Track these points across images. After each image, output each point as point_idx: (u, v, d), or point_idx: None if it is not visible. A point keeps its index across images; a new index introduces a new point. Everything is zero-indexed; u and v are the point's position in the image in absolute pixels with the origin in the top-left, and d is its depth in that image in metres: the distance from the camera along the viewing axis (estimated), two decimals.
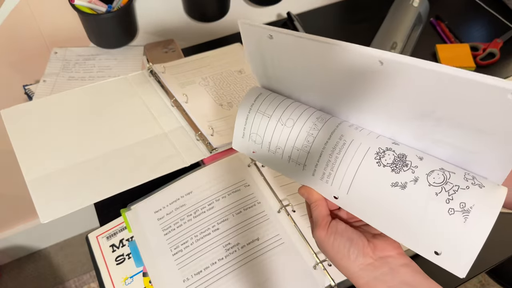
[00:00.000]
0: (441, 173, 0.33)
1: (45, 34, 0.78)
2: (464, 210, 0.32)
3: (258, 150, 0.43)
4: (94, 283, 1.27)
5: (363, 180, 0.35)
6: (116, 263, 0.55)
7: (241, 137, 0.44)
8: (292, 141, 0.40)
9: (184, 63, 0.75)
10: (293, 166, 0.40)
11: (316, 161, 0.38)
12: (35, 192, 0.55)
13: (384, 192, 0.34)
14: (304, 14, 0.91)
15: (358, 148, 0.36)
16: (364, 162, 0.35)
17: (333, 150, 0.37)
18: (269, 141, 0.41)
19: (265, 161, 0.43)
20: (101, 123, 0.64)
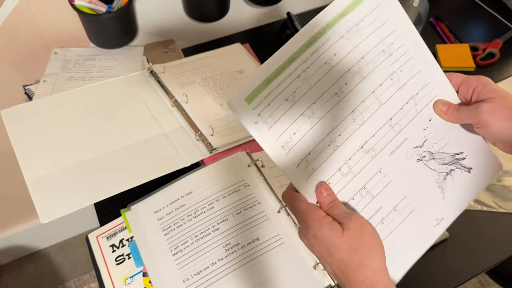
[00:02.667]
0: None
1: (45, 34, 0.78)
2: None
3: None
4: (94, 283, 1.27)
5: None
6: (116, 263, 0.55)
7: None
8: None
9: (184, 63, 0.75)
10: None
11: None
12: (35, 192, 0.55)
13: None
14: (304, 14, 0.91)
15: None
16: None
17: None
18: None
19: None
20: (101, 123, 0.64)
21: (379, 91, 0.40)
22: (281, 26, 0.85)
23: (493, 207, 0.62)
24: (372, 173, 0.40)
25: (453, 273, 0.55)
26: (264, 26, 0.90)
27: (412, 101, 0.41)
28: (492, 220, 0.61)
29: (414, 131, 0.41)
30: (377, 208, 0.41)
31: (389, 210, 0.41)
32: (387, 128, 0.41)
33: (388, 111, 0.40)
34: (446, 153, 0.42)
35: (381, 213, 0.41)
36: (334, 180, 0.40)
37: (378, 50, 0.40)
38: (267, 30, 0.88)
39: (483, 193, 0.64)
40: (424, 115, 0.41)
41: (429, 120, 0.42)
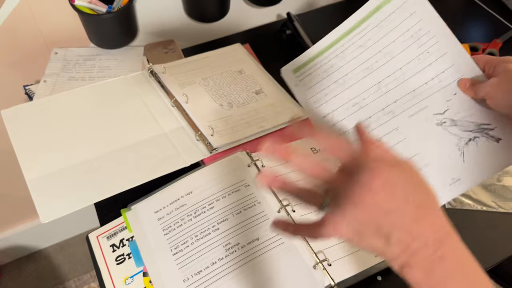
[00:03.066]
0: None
1: (45, 35, 0.78)
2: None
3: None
4: (95, 283, 1.27)
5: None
6: (117, 263, 0.55)
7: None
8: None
9: (184, 64, 0.76)
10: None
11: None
12: (35, 192, 0.55)
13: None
14: (304, 15, 0.91)
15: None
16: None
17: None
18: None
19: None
20: (102, 123, 0.65)
21: (406, 68, 0.47)
22: (281, 26, 0.85)
23: (493, 207, 0.62)
24: (388, 130, 0.48)
25: None
26: (264, 26, 0.90)
27: (437, 78, 0.46)
28: (492, 220, 0.61)
29: (436, 101, 0.47)
30: None
31: None
32: (409, 97, 0.47)
33: (412, 84, 0.47)
34: (471, 122, 0.46)
35: None
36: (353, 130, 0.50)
37: (407, 36, 0.47)
38: (267, 30, 0.88)
39: (483, 193, 0.64)
40: (449, 90, 0.46)
41: (453, 94, 0.46)
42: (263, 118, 0.68)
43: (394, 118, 0.48)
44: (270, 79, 0.76)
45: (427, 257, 0.29)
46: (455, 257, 0.30)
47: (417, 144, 0.47)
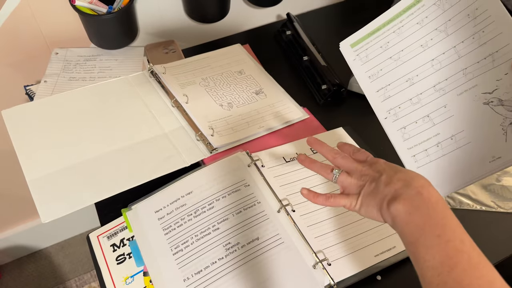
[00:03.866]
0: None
1: (46, 35, 0.78)
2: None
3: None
4: (95, 282, 1.27)
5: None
6: (117, 263, 0.55)
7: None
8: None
9: (185, 64, 0.76)
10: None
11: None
12: (36, 192, 0.56)
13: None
14: (304, 15, 0.92)
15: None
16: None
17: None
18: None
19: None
20: (102, 123, 0.65)
21: (460, 46, 0.48)
22: (281, 26, 0.85)
23: (492, 207, 0.62)
24: (437, 107, 0.50)
25: None
26: (264, 26, 0.91)
27: (490, 57, 0.47)
28: (491, 220, 0.61)
29: (487, 80, 0.48)
30: (435, 133, 0.50)
31: (446, 138, 0.50)
32: (460, 75, 0.49)
33: (464, 63, 0.48)
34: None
35: (437, 138, 0.50)
36: (404, 106, 0.52)
37: (463, 15, 0.48)
38: (267, 31, 0.88)
39: (482, 193, 0.64)
40: (501, 69, 0.47)
41: (504, 74, 0.47)
42: (263, 118, 0.68)
43: (444, 96, 0.50)
44: (270, 79, 0.76)
45: (409, 193, 0.40)
46: (430, 195, 0.39)
47: (463, 122, 0.49)
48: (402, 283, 0.54)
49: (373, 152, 0.51)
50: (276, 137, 0.66)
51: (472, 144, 0.49)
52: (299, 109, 0.71)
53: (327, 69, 0.74)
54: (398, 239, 0.55)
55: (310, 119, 0.70)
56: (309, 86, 0.77)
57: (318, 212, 0.57)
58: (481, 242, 0.59)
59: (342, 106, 0.75)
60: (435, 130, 0.51)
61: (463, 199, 0.63)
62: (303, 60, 0.78)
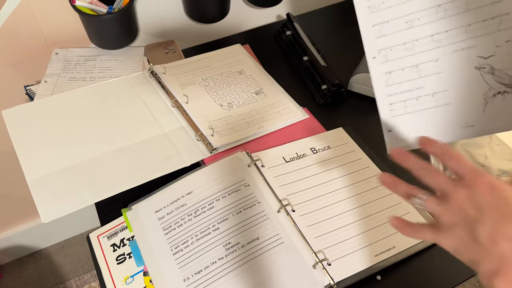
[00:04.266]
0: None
1: (46, 35, 0.78)
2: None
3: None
4: (95, 282, 1.27)
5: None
6: (117, 263, 0.55)
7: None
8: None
9: (185, 64, 0.76)
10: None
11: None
12: (36, 192, 0.56)
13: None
14: (304, 16, 0.92)
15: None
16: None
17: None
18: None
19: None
20: (102, 124, 0.65)
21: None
22: (281, 27, 0.85)
23: None
24: (429, 59, 0.47)
25: (452, 272, 0.55)
26: (264, 27, 0.91)
27: (499, 18, 0.44)
28: None
29: (486, 43, 0.45)
30: (418, 86, 0.48)
31: (428, 93, 0.48)
32: (461, 30, 0.46)
33: (470, 18, 0.45)
34: (508, 75, 0.45)
35: (419, 91, 0.48)
36: (396, 49, 0.48)
37: None
38: (267, 31, 0.88)
39: None
40: (504, 35, 0.44)
41: (506, 41, 0.44)
42: (263, 118, 0.68)
43: (439, 49, 0.47)
44: (270, 79, 0.76)
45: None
46: None
47: (449, 81, 0.47)
48: (402, 283, 0.54)
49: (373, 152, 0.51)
50: (276, 137, 0.66)
51: (451, 105, 0.47)
52: (299, 109, 0.71)
53: (327, 69, 0.74)
54: (398, 239, 0.55)
55: (310, 119, 0.70)
56: (309, 86, 0.77)
57: (318, 212, 0.57)
58: None
59: (342, 106, 0.75)
60: (419, 82, 0.48)
61: None
62: (303, 60, 0.78)
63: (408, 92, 0.48)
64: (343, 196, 0.59)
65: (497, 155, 0.68)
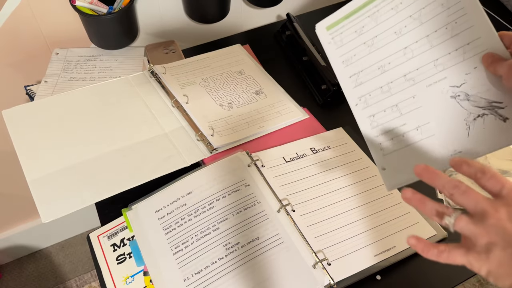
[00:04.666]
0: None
1: (46, 35, 0.78)
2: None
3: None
4: (95, 282, 1.27)
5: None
6: (117, 262, 0.55)
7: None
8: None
9: (185, 64, 0.76)
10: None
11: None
12: (36, 192, 0.56)
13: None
14: (304, 16, 0.92)
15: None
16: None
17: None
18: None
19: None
20: (102, 124, 0.65)
21: (432, 36, 0.48)
22: (281, 27, 0.85)
23: None
24: (406, 97, 0.50)
25: (452, 272, 0.55)
26: (264, 27, 0.91)
27: (462, 49, 0.47)
28: None
29: (456, 73, 0.47)
30: (402, 123, 0.50)
31: (411, 128, 0.50)
32: (431, 66, 0.48)
33: (436, 53, 0.48)
34: (483, 98, 0.47)
35: (403, 127, 0.50)
36: (374, 94, 0.52)
37: (438, 4, 0.48)
38: (267, 31, 0.88)
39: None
40: (470, 63, 0.47)
41: (474, 67, 0.47)
42: (263, 118, 0.68)
43: (413, 86, 0.50)
44: (270, 79, 0.76)
45: None
46: None
47: (429, 114, 0.49)
48: (402, 283, 0.54)
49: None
50: (276, 137, 0.66)
51: (435, 136, 0.49)
52: (299, 109, 0.71)
53: (327, 69, 0.74)
54: (398, 239, 0.55)
55: (310, 119, 0.70)
56: (309, 86, 0.77)
57: (318, 212, 0.57)
58: None
59: (342, 106, 0.75)
60: (402, 120, 0.51)
61: None
62: (303, 60, 0.78)
63: (394, 130, 0.51)
64: (343, 196, 0.59)
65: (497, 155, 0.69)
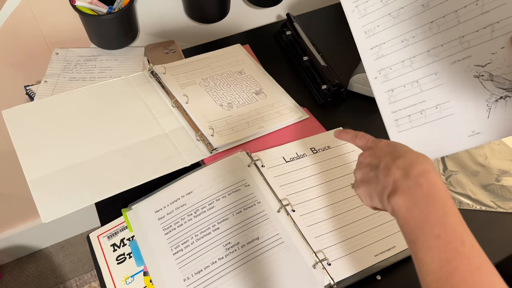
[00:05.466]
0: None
1: (46, 35, 0.78)
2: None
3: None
4: (95, 282, 1.27)
5: None
6: (117, 263, 0.55)
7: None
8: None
9: (185, 64, 0.76)
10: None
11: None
12: (36, 192, 0.56)
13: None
14: (304, 16, 0.92)
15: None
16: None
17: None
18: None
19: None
20: (102, 124, 0.65)
21: (461, 11, 0.46)
22: (281, 27, 0.85)
23: (492, 207, 0.62)
24: (428, 73, 0.49)
25: None
26: (264, 27, 0.91)
27: (490, 27, 0.45)
28: (491, 220, 0.61)
29: (481, 52, 0.46)
30: (421, 100, 0.49)
31: (431, 106, 0.49)
32: (456, 43, 0.47)
33: (463, 30, 0.46)
34: (507, 80, 0.46)
35: (423, 105, 0.49)
36: (395, 68, 0.50)
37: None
38: (267, 31, 0.88)
39: (482, 193, 0.64)
40: (498, 42, 0.45)
41: (501, 47, 0.45)
42: (263, 118, 0.68)
43: (436, 62, 0.48)
44: (270, 79, 0.76)
45: (408, 185, 0.38)
46: (430, 185, 0.37)
47: (451, 92, 0.48)
48: (402, 283, 0.54)
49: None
50: (276, 137, 0.66)
51: (455, 116, 0.48)
52: (299, 109, 0.71)
53: (327, 69, 0.74)
54: (398, 238, 0.55)
55: (310, 119, 0.70)
56: (309, 86, 0.77)
57: (318, 212, 0.57)
58: (481, 242, 0.59)
59: (342, 106, 0.75)
60: (421, 96, 0.50)
61: (463, 199, 0.63)
62: (303, 60, 0.78)
63: (412, 107, 0.50)
64: (343, 196, 0.59)
65: (497, 155, 0.69)
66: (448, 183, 0.65)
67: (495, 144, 0.70)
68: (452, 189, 0.64)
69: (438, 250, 0.34)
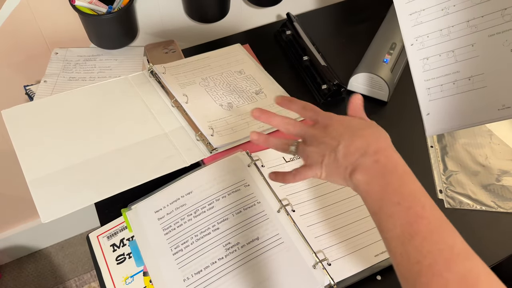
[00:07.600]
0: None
1: (46, 35, 0.78)
2: None
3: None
4: (95, 282, 1.27)
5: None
6: (117, 263, 0.55)
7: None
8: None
9: (185, 64, 0.76)
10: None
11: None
12: (36, 192, 0.56)
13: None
14: (304, 15, 0.92)
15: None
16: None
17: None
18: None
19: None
20: (102, 123, 0.65)
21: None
22: (281, 26, 0.85)
23: (492, 207, 0.62)
24: (465, 44, 0.48)
25: None
26: (264, 26, 0.91)
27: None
28: (491, 220, 0.61)
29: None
30: (455, 70, 0.49)
31: (464, 77, 0.49)
32: (497, 15, 0.46)
33: (506, 2, 0.45)
34: None
35: (456, 75, 0.49)
36: (432, 36, 0.50)
37: None
38: (267, 31, 0.88)
39: (482, 193, 0.64)
40: None
41: None
42: None
43: (475, 34, 0.48)
44: (270, 79, 0.76)
45: (366, 163, 0.39)
46: (387, 161, 0.39)
47: (485, 65, 0.48)
48: None
49: None
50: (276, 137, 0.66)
51: (487, 88, 0.48)
52: None
53: (327, 69, 0.74)
54: None
55: None
56: (309, 86, 0.77)
57: (318, 212, 0.57)
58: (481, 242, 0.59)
59: (342, 106, 0.75)
60: (456, 67, 0.49)
61: (463, 199, 0.63)
62: (303, 60, 0.78)
63: (445, 77, 0.50)
64: (343, 196, 0.59)
65: (497, 155, 0.68)
66: (449, 183, 0.65)
67: (495, 144, 0.69)
68: (453, 189, 0.64)
69: (399, 216, 0.36)
